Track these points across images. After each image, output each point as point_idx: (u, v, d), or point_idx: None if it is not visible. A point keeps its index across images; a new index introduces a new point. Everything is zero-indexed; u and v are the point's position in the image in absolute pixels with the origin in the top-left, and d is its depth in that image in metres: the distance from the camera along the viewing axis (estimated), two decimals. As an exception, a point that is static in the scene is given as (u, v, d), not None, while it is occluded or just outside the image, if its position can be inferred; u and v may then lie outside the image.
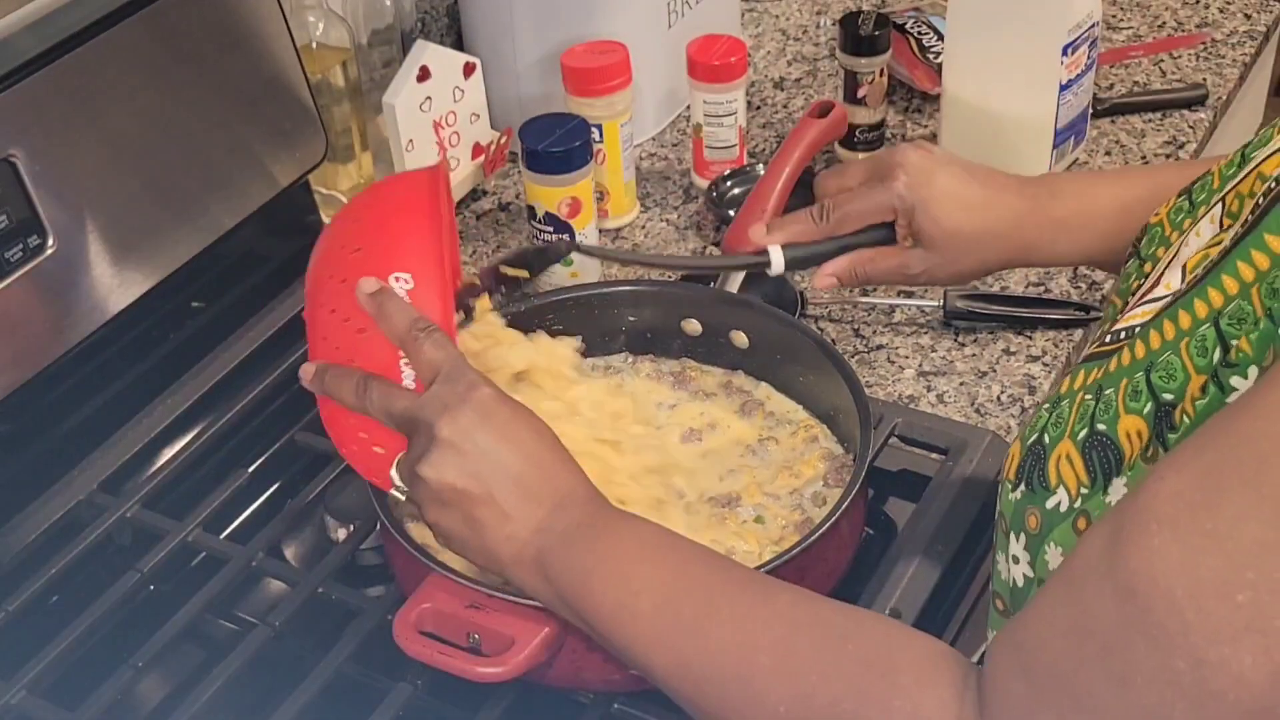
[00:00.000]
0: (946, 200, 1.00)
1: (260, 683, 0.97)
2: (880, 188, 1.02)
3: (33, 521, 1.08)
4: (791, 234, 1.05)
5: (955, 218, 1.01)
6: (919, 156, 1.02)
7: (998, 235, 1.01)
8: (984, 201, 1.01)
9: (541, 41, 1.43)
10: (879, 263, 1.04)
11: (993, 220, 1.01)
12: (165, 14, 1.11)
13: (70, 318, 1.08)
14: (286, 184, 1.24)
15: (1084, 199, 1.00)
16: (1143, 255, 0.87)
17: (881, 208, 1.02)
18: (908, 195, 1.01)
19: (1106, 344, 0.78)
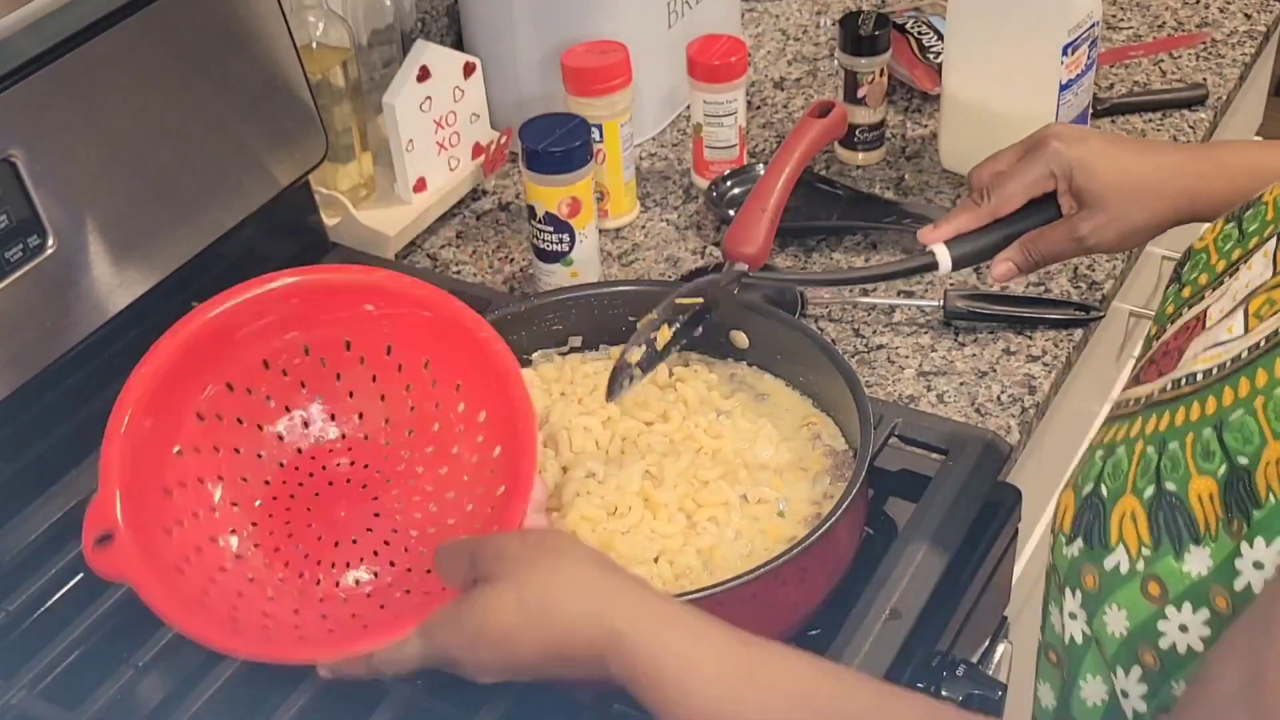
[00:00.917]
0: (1102, 156, 1.00)
1: (261, 683, 0.97)
2: (1034, 159, 1.02)
3: (33, 521, 1.08)
4: (956, 225, 1.05)
5: (1113, 171, 1.00)
6: (1067, 126, 1.02)
7: (1160, 184, 1.00)
8: (1139, 154, 1.01)
9: (541, 41, 1.43)
10: (1048, 236, 1.04)
11: (1151, 169, 1.00)
12: (165, 14, 1.11)
13: (70, 318, 1.08)
14: (287, 184, 1.24)
15: (1240, 150, 1.00)
16: (1183, 280, 0.86)
17: (1040, 178, 1.02)
18: (1064, 155, 1.00)
19: (1168, 391, 0.76)
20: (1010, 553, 1.11)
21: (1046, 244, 1.04)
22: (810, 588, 0.94)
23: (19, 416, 1.08)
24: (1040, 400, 1.19)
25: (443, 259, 1.37)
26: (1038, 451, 1.31)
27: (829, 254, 1.34)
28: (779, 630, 0.94)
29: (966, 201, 1.05)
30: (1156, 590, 0.71)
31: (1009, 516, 1.09)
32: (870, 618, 0.97)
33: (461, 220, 1.42)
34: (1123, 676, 0.75)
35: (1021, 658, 1.21)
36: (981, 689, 1.01)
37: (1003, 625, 1.16)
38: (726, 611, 0.90)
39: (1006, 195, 1.03)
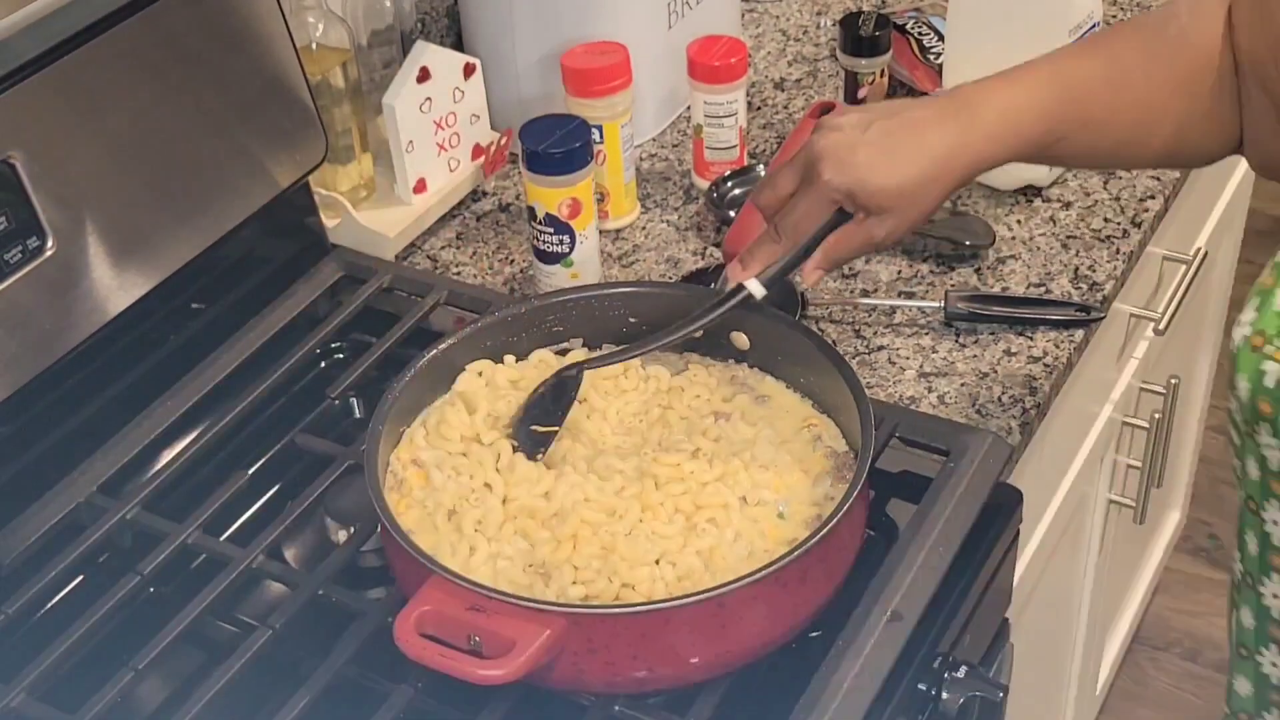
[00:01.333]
0: (876, 172, 1.00)
1: (260, 685, 0.97)
2: (812, 190, 1.02)
3: (33, 524, 1.08)
4: (762, 261, 1.06)
5: (892, 182, 1.00)
6: (833, 141, 1.01)
7: (938, 175, 1.01)
8: (912, 152, 1.00)
9: (541, 42, 1.43)
10: (845, 243, 1.04)
11: (927, 164, 1.00)
12: (165, 15, 1.11)
13: (70, 319, 1.08)
14: (286, 185, 1.24)
15: (1005, 111, 1.01)
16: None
17: (823, 206, 1.03)
18: (838, 184, 1.01)
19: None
20: (1011, 554, 1.11)
21: (845, 249, 1.04)
22: (811, 589, 0.94)
23: (18, 418, 1.08)
24: (1041, 401, 1.19)
25: (443, 260, 1.37)
26: (1039, 452, 1.31)
27: (829, 255, 1.34)
28: (780, 632, 0.94)
29: (764, 236, 1.06)
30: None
31: (1010, 518, 1.09)
32: (872, 619, 0.97)
33: (461, 221, 1.42)
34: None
35: (1022, 657, 1.21)
36: (983, 690, 1.01)
37: (1004, 627, 1.15)
38: (727, 613, 0.91)
39: (796, 228, 1.04)
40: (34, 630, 1.03)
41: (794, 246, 1.04)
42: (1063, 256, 1.33)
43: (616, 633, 0.90)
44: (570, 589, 0.94)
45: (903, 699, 0.96)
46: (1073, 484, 1.50)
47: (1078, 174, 1.43)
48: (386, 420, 1.02)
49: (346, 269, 1.31)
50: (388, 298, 1.28)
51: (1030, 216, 1.38)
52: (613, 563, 0.95)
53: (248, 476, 1.11)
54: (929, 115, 1.01)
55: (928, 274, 1.32)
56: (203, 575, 1.03)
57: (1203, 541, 2.46)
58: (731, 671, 0.94)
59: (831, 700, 0.92)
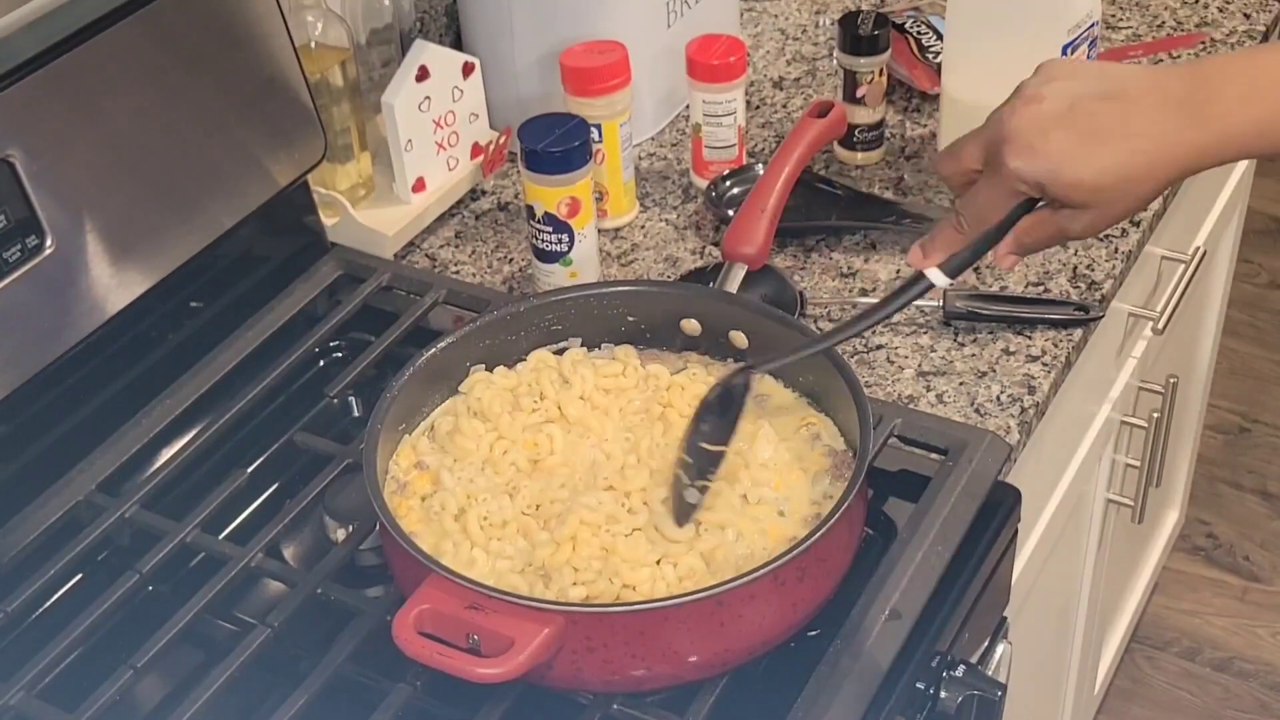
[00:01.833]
0: (1071, 163, 0.88)
1: (259, 684, 0.97)
2: (996, 177, 0.91)
3: (31, 522, 1.08)
4: (944, 249, 0.96)
5: (1089, 174, 0.88)
6: (1026, 120, 0.89)
7: (1148, 172, 0.88)
8: (1119, 143, 0.87)
9: (540, 41, 1.43)
10: (1037, 233, 0.94)
11: (1135, 159, 0.87)
12: (163, 14, 1.11)
13: (69, 318, 1.08)
14: (285, 184, 1.24)
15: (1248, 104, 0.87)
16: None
17: (1009, 195, 0.92)
18: (1027, 174, 0.89)
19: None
20: (1010, 553, 1.11)
21: (1037, 239, 0.95)
22: (810, 588, 0.94)
23: (17, 417, 1.08)
24: (1040, 400, 1.19)
25: (441, 259, 1.37)
26: (1037, 451, 1.31)
27: (828, 254, 1.34)
28: (778, 631, 0.94)
29: (946, 222, 0.97)
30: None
31: (1009, 516, 1.09)
32: (870, 618, 0.97)
33: (460, 220, 1.42)
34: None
35: (1020, 656, 1.21)
36: (981, 689, 1.02)
37: (1002, 625, 1.15)
38: (726, 612, 0.91)
39: (981, 218, 0.94)
40: (33, 628, 1.03)
41: (977, 236, 0.94)
42: (1061, 256, 1.33)
43: (615, 631, 0.90)
44: (571, 590, 0.94)
45: (901, 697, 0.96)
46: (1071, 483, 1.50)
47: (1076, 173, 1.42)
48: (385, 419, 1.02)
49: (345, 268, 1.31)
50: (386, 296, 1.28)
51: (1029, 216, 1.38)
52: (613, 564, 0.95)
53: (246, 475, 1.11)
54: (1150, 98, 0.87)
55: (926, 273, 1.32)
56: (201, 574, 1.03)
57: (1201, 541, 2.46)
58: (730, 670, 0.94)
59: (830, 699, 0.92)
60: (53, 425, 1.12)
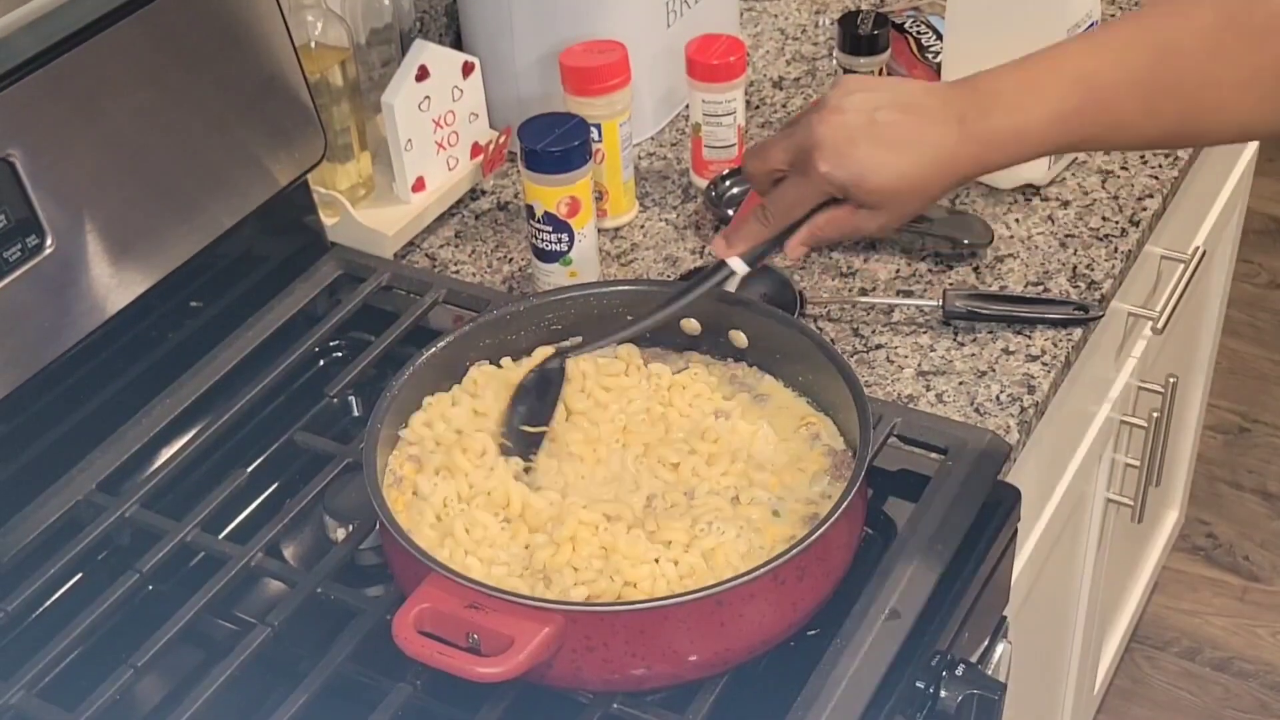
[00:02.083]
0: (874, 169, 0.97)
1: (259, 683, 0.97)
2: (805, 179, 1.00)
3: (31, 521, 1.08)
4: (747, 240, 1.05)
5: (889, 181, 0.97)
6: (834, 128, 0.97)
7: (938, 176, 0.98)
8: (914, 151, 0.97)
9: (540, 41, 1.43)
10: (834, 228, 1.02)
11: (928, 165, 0.97)
12: (163, 14, 1.11)
13: (69, 317, 1.08)
14: (285, 184, 1.24)
15: (1015, 114, 0.95)
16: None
17: (816, 195, 1.01)
18: (836, 178, 0.98)
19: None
20: (1009, 552, 1.12)
21: (832, 232, 1.03)
22: (810, 587, 0.94)
23: (17, 416, 1.08)
24: (1039, 400, 1.19)
25: (441, 259, 1.37)
26: (1037, 451, 1.31)
27: (827, 253, 1.34)
28: (778, 630, 0.94)
29: (752, 216, 1.04)
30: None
31: (1008, 516, 1.09)
32: (870, 617, 0.97)
33: (460, 220, 1.42)
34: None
35: (1020, 656, 1.21)
36: (981, 689, 1.02)
37: (1002, 625, 1.16)
38: (726, 611, 0.91)
39: (789, 213, 1.02)
40: (33, 628, 1.03)
41: (780, 229, 1.03)
42: (1061, 255, 1.33)
43: (615, 630, 0.90)
44: (572, 590, 0.94)
45: (901, 697, 0.96)
46: (1071, 483, 1.50)
47: (1076, 173, 1.43)
48: (385, 418, 1.02)
49: (345, 267, 1.31)
50: (386, 296, 1.28)
51: (1028, 215, 1.38)
52: (614, 562, 0.95)
53: (246, 474, 1.11)
54: (936, 110, 0.97)
55: (926, 273, 1.32)
56: (201, 573, 1.03)
57: (1201, 541, 2.46)
58: (729, 669, 0.94)
59: (830, 698, 0.92)
60: (53, 425, 1.12)
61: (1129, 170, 1.43)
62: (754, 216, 1.04)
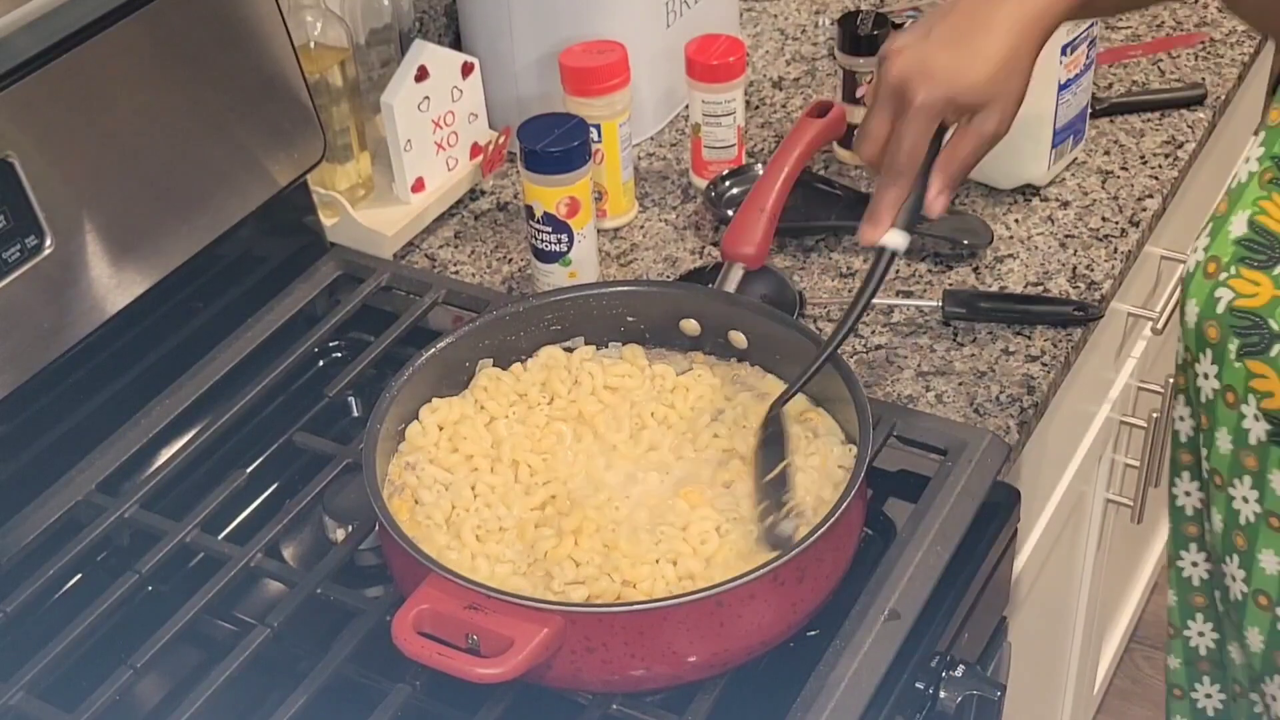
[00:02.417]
0: (965, 70, 0.96)
1: (258, 683, 0.97)
2: (910, 116, 0.98)
3: (31, 522, 1.08)
4: (890, 211, 1.02)
5: (984, 73, 0.97)
6: (907, 61, 0.97)
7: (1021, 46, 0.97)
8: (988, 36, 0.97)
9: (540, 41, 1.43)
10: (959, 154, 1.01)
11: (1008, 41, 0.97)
12: (163, 14, 1.11)
13: (68, 318, 1.08)
14: (284, 184, 1.24)
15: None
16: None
17: (928, 126, 0.99)
18: (937, 97, 0.97)
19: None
20: (1009, 553, 1.12)
21: (963, 158, 1.01)
22: (809, 588, 0.94)
23: (17, 417, 1.08)
24: (1039, 400, 1.19)
25: (441, 259, 1.37)
26: (1037, 452, 1.31)
27: (827, 254, 1.34)
28: (777, 631, 0.94)
29: (881, 187, 1.02)
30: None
31: (1008, 516, 1.09)
32: (869, 618, 0.97)
33: (460, 220, 1.42)
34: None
35: (1019, 656, 1.21)
36: (981, 689, 1.02)
37: (1002, 625, 1.16)
38: (725, 612, 0.91)
39: (912, 159, 1.00)
40: (33, 628, 1.03)
41: (914, 179, 1.01)
42: (1061, 256, 1.33)
43: (614, 631, 0.90)
44: (572, 591, 0.94)
45: (900, 698, 0.96)
46: (1070, 483, 1.50)
47: (1076, 173, 1.43)
48: (385, 419, 1.02)
49: (345, 268, 1.31)
50: (386, 296, 1.28)
51: (1028, 216, 1.38)
52: (614, 559, 0.95)
53: (246, 475, 1.11)
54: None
55: (925, 273, 1.32)
56: (201, 574, 1.03)
57: (1200, 540, 2.46)
58: (729, 670, 0.94)
59: (829, 699, 0.92)
60: (52, 425, 1.12)
61: (1129, 170, 1.43)
62: (884, 186, 1.01)
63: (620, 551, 0.96)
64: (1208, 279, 0.84)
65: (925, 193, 1.00)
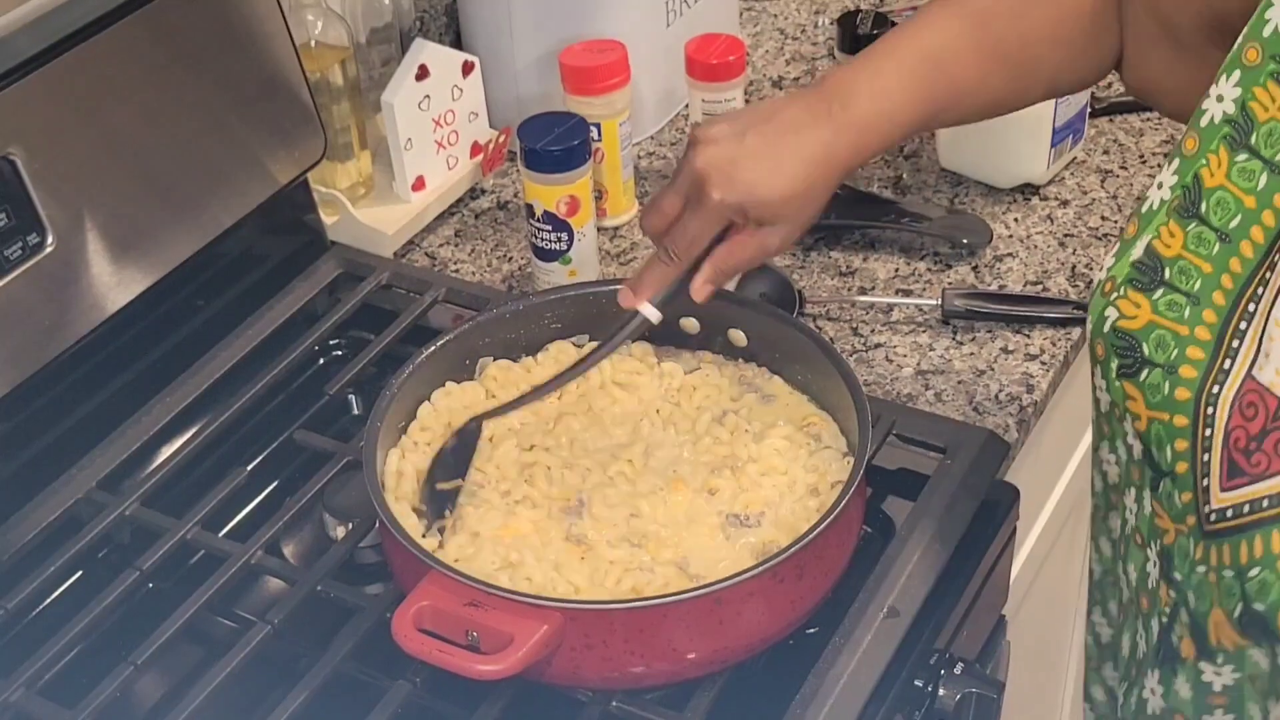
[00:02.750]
0: (763, 184, 0.98)
1: (259, 681, 0.97)
2: (701, 210, 1.00)
3: (32, 519, 1.08)
4: (654, 286, 1.04)
5: (780, 192, 0.98)
6: (714, 157, 0.99)
7: (823, 175, 0.99)
8: (794, 157, 0.98)
9: (540, 40, 1.43)
10: (738, 254, 1.02)
11: (811, 167, 0.99)
12: (164, 13, 1.12)
13: (69, 316, 1.08)
14: (285, 182, 1.24)
15: (878, 99, 0.99)
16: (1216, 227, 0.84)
17: (714, 224, 1.01)
18: (728, 200, 0.98)
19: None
20: (1008, 551, 1.12)
21: (738, 260, 1.03)
22: (808, 585, 0.94)
23: (18, 414, 1.08)
24: (1038, 399, 1.19)
25: (441, 258, 1.38)
26: (1036, 450, 1.31)
27: (827, 253, 1.34)
28: (777, 628, 0.94)
29: (653, 260, 1.04)
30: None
31: (1007, 515, 1.09)
32: (868, 616, 0.97)
33: (460, 219, 1.42)
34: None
35: (1018, 655, 1.21)
36: (980, 687, 1.02)
37: (1001, 624, 1.16)
38: (724, 609, 0.91)
39: (691, 248, 1.02)
40: (33, 626, 1.03)
41: (685, 266, 1.03)
42: (1060, 254, 1.33)
43: (614, 628, 0.90)
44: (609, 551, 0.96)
45: (899, 695, 0.96)
46: (1070, 481, 1.50)
47: (1075, 172, 1.43)
48: (385, 417, 1.02)
49: (345, 266, 1.31)
50: (386, 295, 1.28)
51: (1027, 215, 1.38)
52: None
53: (246, 473, 1.11)
54: (802, 116, 0.99)
55: (925, 272, 1.32)
56: (201, 571, 1.04)
57: (1200, 540, 2.45)
58: (728, 667, 0.94)
59: (828, 696, 0.92)
60: (53, 423, 1.12)
61: (1128, 170, 1.44)
62: (657, 258, 1.03)
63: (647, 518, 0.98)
64: (1102, 298, 0.87)
65: (692, 279, 1.02)
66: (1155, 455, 0.85)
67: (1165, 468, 0.85)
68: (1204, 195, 0.83)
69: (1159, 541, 0.88)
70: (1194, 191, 0.84)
